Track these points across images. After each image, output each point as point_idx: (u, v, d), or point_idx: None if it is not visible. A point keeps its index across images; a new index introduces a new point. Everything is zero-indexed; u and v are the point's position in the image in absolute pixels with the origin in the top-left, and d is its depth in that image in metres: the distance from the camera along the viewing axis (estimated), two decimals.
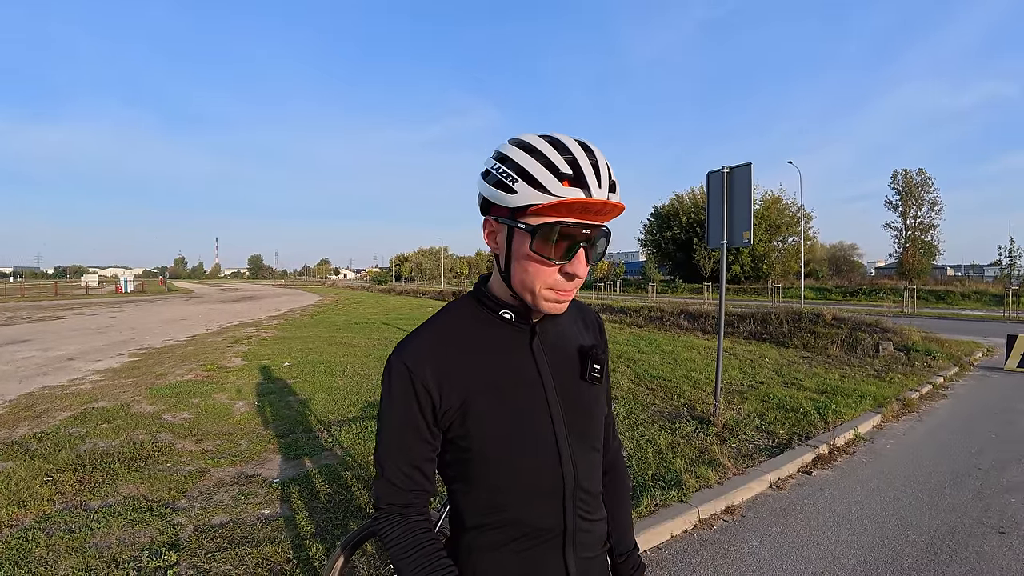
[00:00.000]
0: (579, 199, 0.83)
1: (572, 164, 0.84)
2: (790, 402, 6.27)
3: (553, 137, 0.88)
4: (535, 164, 0.85)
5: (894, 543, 3.29)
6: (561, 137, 0.88)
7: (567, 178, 0.84)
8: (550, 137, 0.88)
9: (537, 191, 0.84)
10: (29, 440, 4.82)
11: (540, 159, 0.85)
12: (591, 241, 0.89)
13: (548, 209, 0.84)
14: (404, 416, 0.94)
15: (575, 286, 0.92)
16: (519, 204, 0.85)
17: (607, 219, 0.89)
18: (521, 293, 0.93)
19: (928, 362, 9.19)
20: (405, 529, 0.95)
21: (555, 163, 0.84)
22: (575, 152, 0.85)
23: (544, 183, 0.83)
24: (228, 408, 6.05)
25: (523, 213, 0.87)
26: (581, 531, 1.01)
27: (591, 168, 0.85)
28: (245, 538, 3.12)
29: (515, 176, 0.85)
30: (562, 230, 0.85)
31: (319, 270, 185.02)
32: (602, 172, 0.86)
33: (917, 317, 19.23)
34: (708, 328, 13.67)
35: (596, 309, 12.56)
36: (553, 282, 0.90)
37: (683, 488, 3.79)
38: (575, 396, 1.01)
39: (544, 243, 0.86)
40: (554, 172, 0.84)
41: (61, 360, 9.46)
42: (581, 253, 0.88)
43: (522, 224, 0.87)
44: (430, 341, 0.97)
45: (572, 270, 0.88)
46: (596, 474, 1.05)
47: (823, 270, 53.44)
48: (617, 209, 0.87)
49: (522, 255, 0.89)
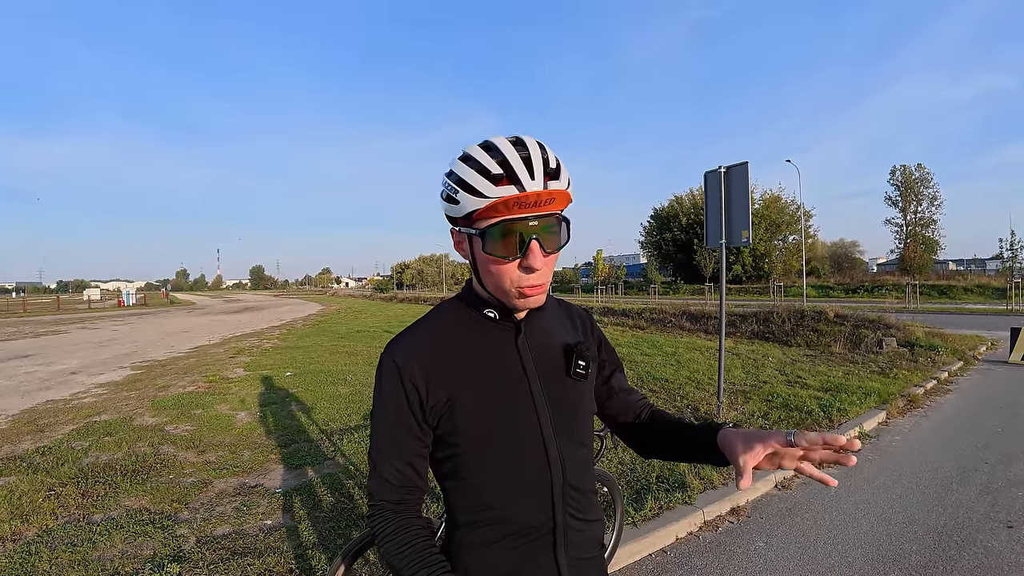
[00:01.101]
0: (512, 195, 0.86)
1: (503, 164, 0.87)
2: (794, 401, 6.25)
3: (489, 142, 0.92)
4: (470, 171, 0.88)
5: (902, 540, 3.26)
6: (496, 140, 0.91)
7: (499, 178, 0.87)
8: (487, 142, 0.92)
9: (474, 197, 0.88)
10: (32, 454, 4.81)
11: (474, 165, 0.89)
12: (543, 233, 0.90)
13: (488, 211, 0.88)
14: (394, 413, 0.96)
15: (539, 279, 0.92)
16: (464, 212, 0.91)
17: (552, 208, 0.90)
18: (496, 295, 0.97)
19: (932, 357, 9.15)
20: (398, 526, 0.96)
21: (486, 166, 0.87)
22: (505, 151, 0.88)
23: (478, 187, 0.87)
24: (230, 419, 6.04)
25: (470, 220, 0.91)
26: (573, 530, 1.01)
27: (521, 163, 0.87)
28: (247, 549, 3.10)
29: (456, 187, 0.90)
30: (505, 227, 0.88)
31: (320, 279, 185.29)
32: (535, 163, 0.88)
33: (920, 312, 19.21)
34: (710, 329, 13.64)
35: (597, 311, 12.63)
36: (516, 278, 0.92)
37: (687, 490, 3.77)
38: (560, 393, 1.02)
39: (493, 243, 0.89)
40: (486, 175, 0.87)
41: (64, 374, 9.46)
42: (534, 245, 0.89)
43: (473, 230, 0.92)
44: (418, 339, 1.00)
45: (528, 263, 0.90)
46: (586, 473, 1.05)
47: (824, 268, 53.37)
48: (558, 196, 0.89)
49: (482, 259, 0.93)
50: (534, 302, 0.95)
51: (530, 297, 0.94)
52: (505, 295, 0.95)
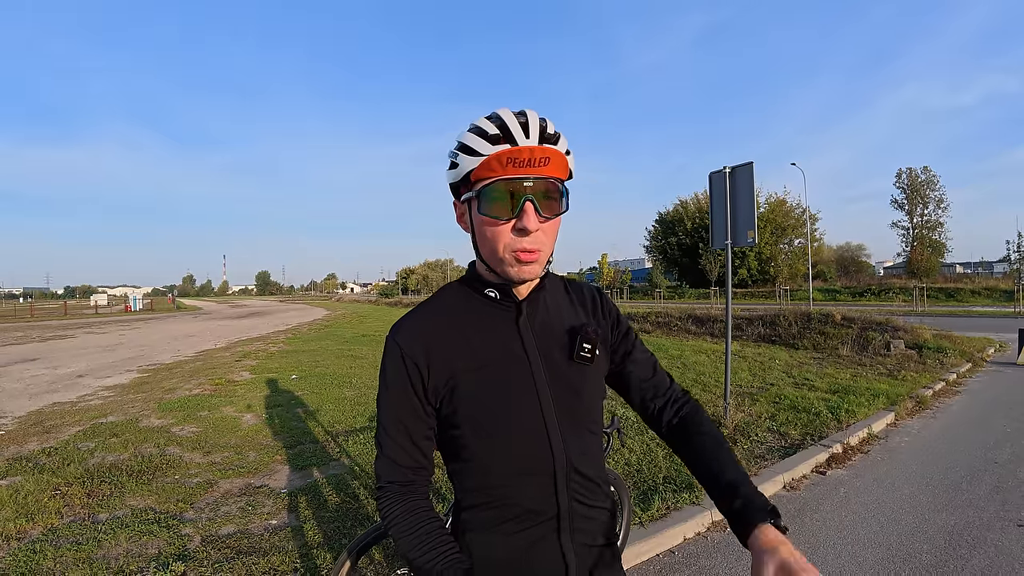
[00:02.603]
0: (504, 150, 0.87)
1: (500, 126, 0.89)
2: (802, 403, 6.20)
3: (494, 111, 0.92)
4: (470, 135, 0.91)
5: (912, 540, 3.23)
6: (500, 110, 0.92)
7: (495, 138, 0.89)
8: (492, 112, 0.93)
9: (471, 156, 0.90)
10: (38, 455, 4.83)
11: (474, 130, 0.91)
12: (538, 195, 0.90)
13: (483, 170, 0.89)
14: (399, 393, 0.96)
15: (533, 244, 0.91)
16: (462, 174, 0.92)
17: (548, 170, 0.90)
18: (491, 264, 0.96)
19: (940, 359, 9.08)
20: (406, 508, 0.95)
21: (484, 129, 0.90)
22: (504, 116, 0.89)
23: (474, 147, 0.89)
24: (236, 421, 6.05)
25: (468, 183, 0.93)
26: (579, 516, 0.99)
27: (518, 125, 0.89)
28: (252, 548, 3.09)
29: (456, 152, 0.93)
30: (501, 185, 0.89)
31: (326, 285, 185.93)
32: (531, 126, 0.89)
33: (927, 315, 19.10)
34: (716, 332, 13.59)
35: None
36: (509, 241, 0.91)
37: (695, 490, 3.74)
38: (563, 376, 1.00)
39: (489, 203, 0.90)
40: (482, 136, 0.89)
41: (71, 377, 9.50)
42: (529, 206, 0.89)
43: (471, 193, 0.92)
44: (421, 320, 1.00)
45: (522, 224, 0.89)
46: (594, 459, 1.03)
47: (831, 271, 53.12)
48: (553, 156, 0.90)
49: (479, 223, 0.93)
50: (529, 271, 0.93)
51: (525, 265, 0.92)
52: (500, 263, 0.93)
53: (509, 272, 0.93)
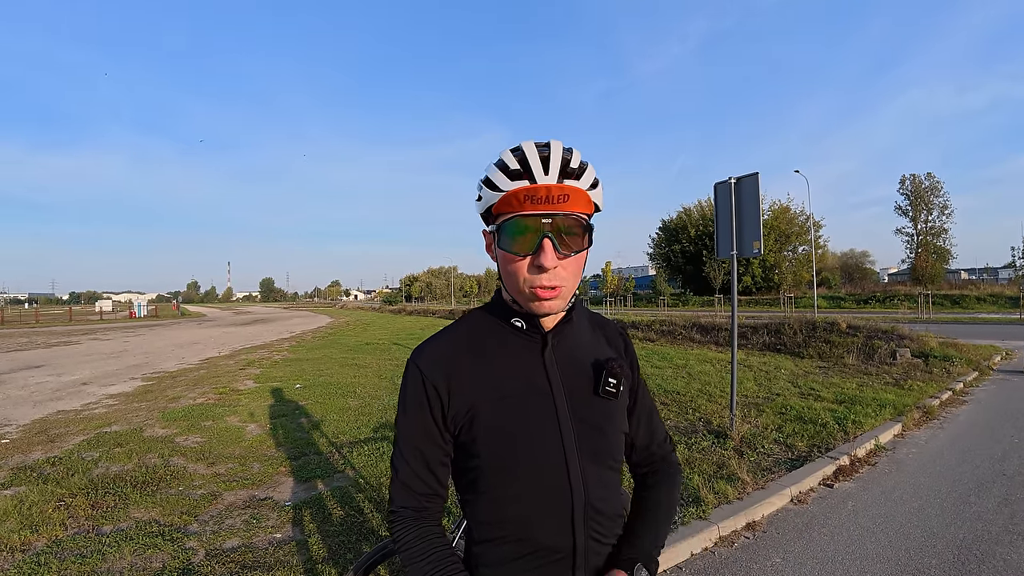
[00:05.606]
0: (522, 187, 0.87)
1: (521, 161, 0.89)
2: (808, 413, 6.16)
3: (519, 145, 0.93)
4: (494, 169, 0.92)
5: (920, 554, 3.19)
6: (525, 143, 0.92)
7: (516, 173, 0.89)
8: (517, 146, 0.93)
9: (493, 191, 0.91)
10: (42, 464, 4.83)
11: (499, 164, 0.92)
12: (556, 232, 0.89)
13: (503, 205, 0.90)
14: (417, 418, 0.96)
15: (551, 281, 0.89)
16: (485, 208, 0.94)
17: (567, 206, 0.88)
18: (513, 295, 0.96)
19: (947, 368, 9.01)
20: (418, 534, 0.95)
21: (506, 163, 0.90)
22: (526, 150, 0.90)
23: (496, 182, 0.90)
24: (240, 431, 6.04)
25: (491, 216, 0.94)
26: (594, 554, 0.98)
27: (539, 160, 0.88)
28: (257, 562, 3.08)
29: (481, 184, 0.94)
30: (519, 221, 0.89)
31: (330, 292, 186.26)
32: (552, 162, 0.88)
33: (933, 323, 19.00)
34: (721, 340, 13.54)
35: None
36: (528, 277, 0.90)
37: (702, 504, 3.71)
38: (587, 410, 0.99)
39: (508, 239, 0.90)
40: (504, 171, 0.90)
41: (75, 385, 9.52)
42: (547, 243, 0.88)
43: (493, 227, 0.93)
44: (443, 346, 1.00)
45: (539, 261, 0.88)
46: (613, 495, 1.02)
47: (835, 278, 52.88)
48: (572, 193, 0.89)
49: (501, 257, 0.93)
50: (549, 307, 0.91)
51: (544, 301, 0.90)
52: (521, 296, 0.93)
53: (530, 306, 0.93)
